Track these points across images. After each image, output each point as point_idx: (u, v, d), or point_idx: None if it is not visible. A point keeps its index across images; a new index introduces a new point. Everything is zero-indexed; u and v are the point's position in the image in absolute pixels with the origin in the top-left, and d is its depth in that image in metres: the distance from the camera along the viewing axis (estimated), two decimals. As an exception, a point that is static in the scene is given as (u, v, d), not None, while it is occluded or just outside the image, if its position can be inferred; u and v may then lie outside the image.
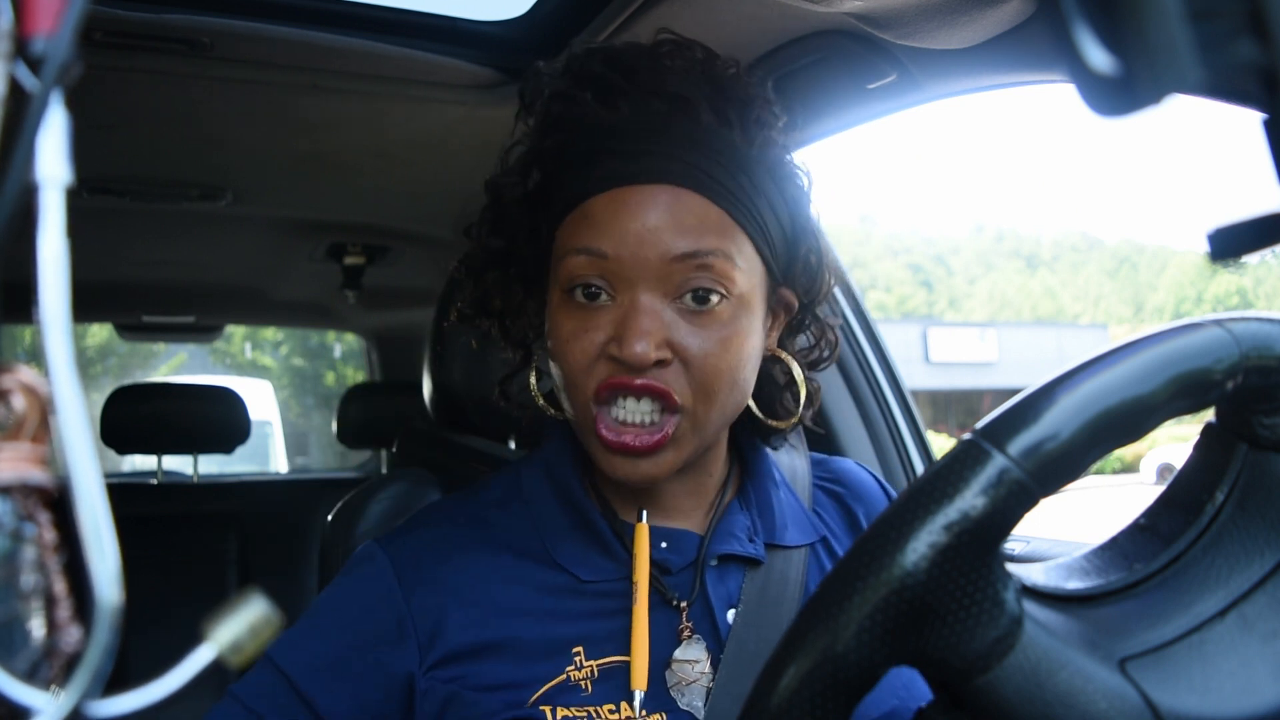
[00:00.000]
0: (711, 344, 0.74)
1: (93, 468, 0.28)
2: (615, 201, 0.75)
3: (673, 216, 0.73)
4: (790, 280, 0.83)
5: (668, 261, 0.73)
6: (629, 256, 0.73)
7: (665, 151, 0.75)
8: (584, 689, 0.75)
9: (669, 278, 0.74)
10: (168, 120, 1.56)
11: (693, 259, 0.73)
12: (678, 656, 0.78)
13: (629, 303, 0.74)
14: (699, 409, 0.75)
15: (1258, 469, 0.57)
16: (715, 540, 0.84)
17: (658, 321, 0.73)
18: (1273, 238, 0.34)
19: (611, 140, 0.76)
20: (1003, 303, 53.88)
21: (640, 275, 0.74)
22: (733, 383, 0.76)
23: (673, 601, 0.80)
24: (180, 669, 0.29)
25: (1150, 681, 0.50)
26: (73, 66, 0.28)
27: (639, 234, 0.73)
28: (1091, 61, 0.30)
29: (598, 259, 0.74)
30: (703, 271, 0.74)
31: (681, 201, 0.74)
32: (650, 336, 0.72)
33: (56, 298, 0.28)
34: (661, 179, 0.74)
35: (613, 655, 0.77)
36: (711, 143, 0.76)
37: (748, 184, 0.76)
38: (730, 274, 0.75)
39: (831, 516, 0.93)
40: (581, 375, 0.75)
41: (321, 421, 15.09)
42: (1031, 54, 1.03)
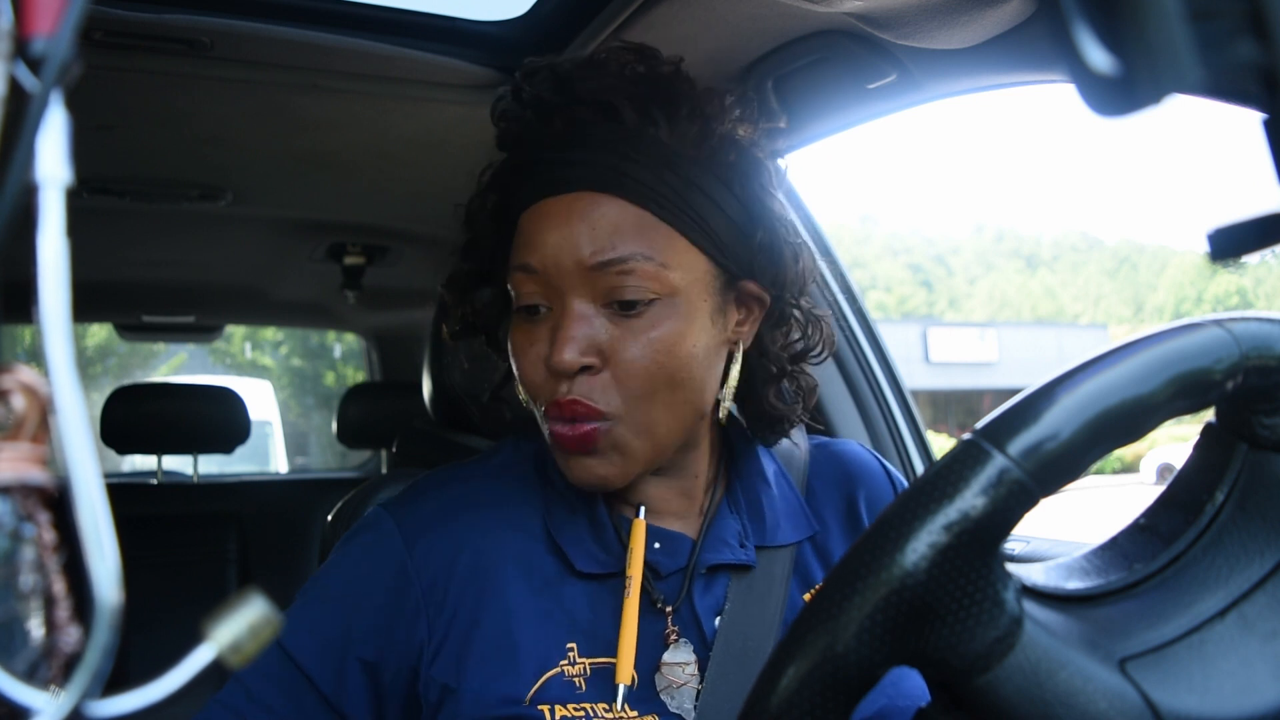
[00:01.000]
0: (641, 347, 0.75)
1: (93, 468, 0.28)
2: (538, 215, 0.77)
3: (588, 224, 0.75)
4: (752, 272, 0.82)
5: (587, 270, 0.74)
6: (552, 268, 0.75)
7: (585, 159, 0.76)
8: (578, 686, 0.76)
9: (594, 285, 0.75)
10: (168, 120, 1.56)
11: (612, 266, 0.74)
12: (666, 659, 0.79)
13: (559, 312, 0.76)
14: (637, 414, 0.76)
15: (1258, 469, 0.57)
16: (706, 548, 0.84)
17: (585, 327, 0.75)
18: (1273, 238, 0.34)
19: (541, 153, 0.78)
20: (1003, 303, 53.88)
21: (566, 285, 0.75)
22: (672, 383, 0.76)
23: (657, 603, 0.81)
24: (180, 669, 0.29)
25: (1150, 681, 0.50)
26: (73, 66, 0.28)
27: (558, 245, 0.75)
28: (1091, 61, 0.30)
29: (530, 274, 0.76)
30: (624, 276, 0.74)
31: (598, 208, 0.75)
32: (574, 343, 0.74)
33: (56, 298, 0.28)
34: (577, 186, 0.76)
35: (603, 655, 0.77)
36: (635, 144, 0.76)
37: (676, 182, 0.76)
38: (657, 276, 0.75)
39: (828, 505, 0.92)
40: (534, 390, 0.78)
41: (321, 421, 15.08)
42: (1031, 54, 1.03)
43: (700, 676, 0.78)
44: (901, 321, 37.30)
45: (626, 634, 0.76)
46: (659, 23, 1.14)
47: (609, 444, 0.76)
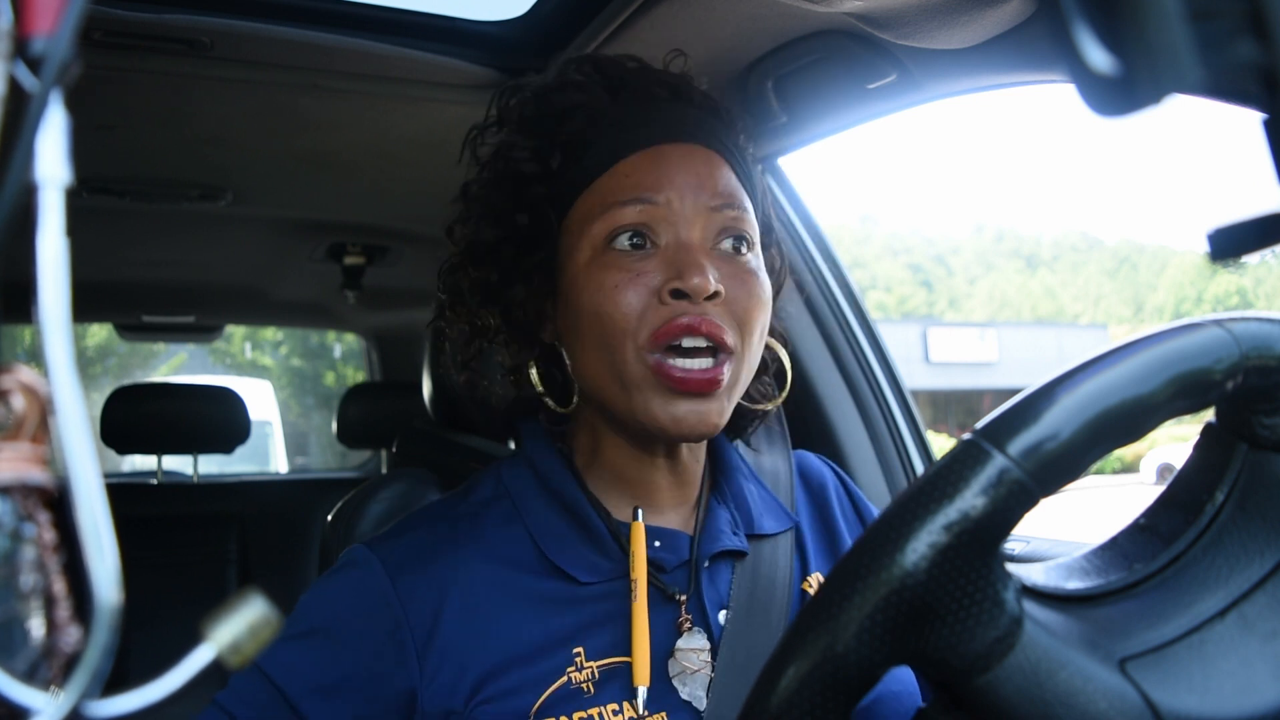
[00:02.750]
0: (748, 287, 0.80)
1: (93, 468, 0.28)
2: (658, 157, 0.81)
3: (710, 170, 0.82)
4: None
5: (710, 210, 0.80)
6: (678, 202, 0.80)
7: (695, 120, 0.84)
8: (586, 691, 0.75)
9: (710, 224, 0.80)
10: (168, 120, 1.56)
11: (729, 210, 0.81)
12: (681, 645, 0.79)
13: (678, 244, 0.79)
14: (741, 354, 0.80)
15: (1258, 469, 0.57)
16: (705, 541, 0.85)
17: (710, 259, 0.79)
18: (1273, 238, 0.34)
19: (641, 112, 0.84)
20: (1003, 303, 53.90)
21: (686, 219, 0.80)
22: (763, 330, 0.82)
23: (673, 596, 0.81)
24: (180, 669, 0.29)
25: (1150, 681, 0.50)
26: (73, 66, 0.28)
27: (685, 183, 0.80)
28: (1091, 61, 0.30)
29: (649, 207, 0.79)
30: (737, 222, 0.81)
31: (712, 162, 0.83)
32: (709, 270, 0.77)
33: (56, 298, 0.28)
34: (696, 139, 0.83)
35: (613, 656, 0.77)
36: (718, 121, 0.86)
37: (744, 161, 0.86)
38: (753, 230, 0.83)
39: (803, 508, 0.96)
40: (633, 321, 0.77)
41: (321, 421, 15.08)
42: (1031, 54, 1.03)
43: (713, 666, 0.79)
44: (901, 321, 37.31)
45: (639, 636, 0.76)
46: (659, 23, 1.14)
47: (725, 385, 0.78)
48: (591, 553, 0.81)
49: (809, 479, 0.99)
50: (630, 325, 0.77)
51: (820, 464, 1.02)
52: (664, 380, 0.76)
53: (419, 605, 0.78)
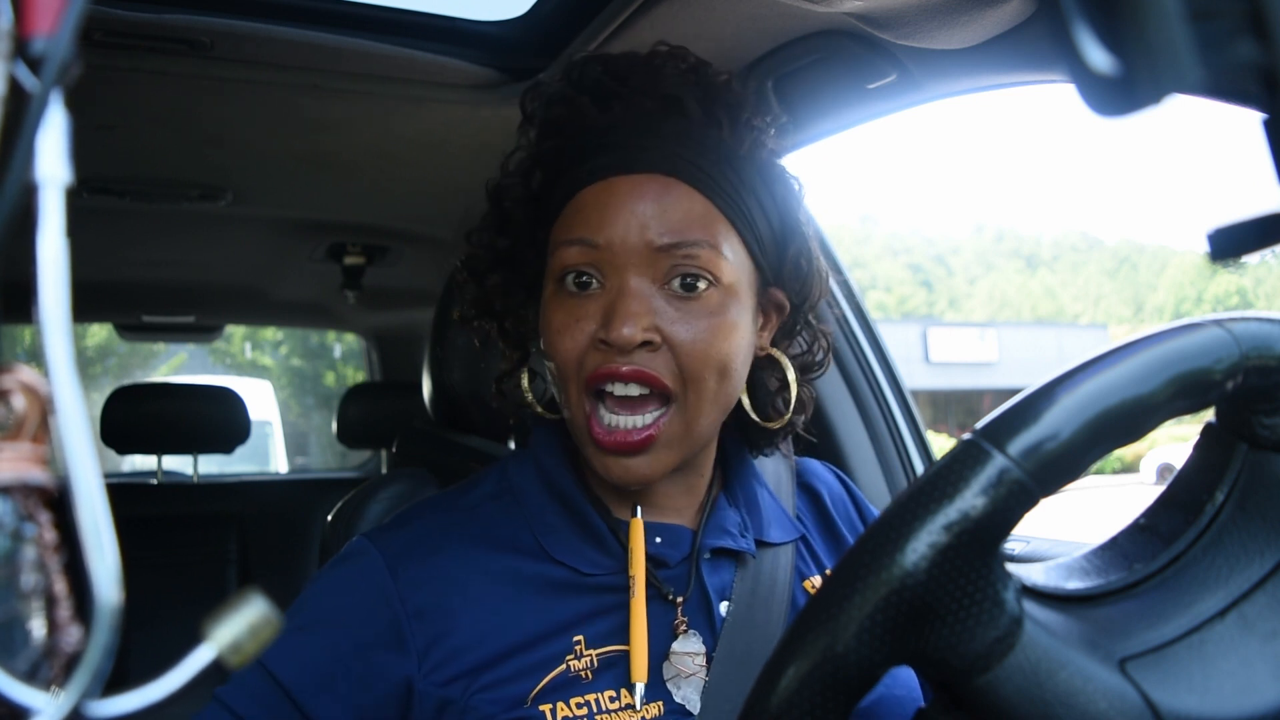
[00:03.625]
0: (699, 330, 0.76)
1: (93, 468, 0.28)
2: (606, 192, 0.77)
3: (660, 206, 0.76)
4: (780, 281, 0.85)
5: (655, 250, 0.76)
6: (619, 243, 0.76)
7: (654, 145, 0.78)
8: (584, 678, 0.76)
9: (656, 265, 0.76)
10: (168, 120, 1.57)
11: (679, 249, 0.76)
12: (676, 649, 0.79)
13: (618, 288, 0.76)
14: (689, 397, 0.77)
15: (1258, 469, 0.57)
16: (708, 535, 0.85)
17: (645, 305, 0.75)
18: (1273, 238, 0.34)
19: (605, 137, 0.79)
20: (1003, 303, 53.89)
21: (629, 261, 0.76)
22: (723, 372, 0.77)
23: (668, 596, 0.81)
24: (180, 669, 0.29)
25: (1150, 681, 0.50)
26: (73, 66, 0.28)
27: (628, 222, 0.76)
28: (1091, 61, 0.30)
29: (589, 248, 0.77)
30: (689, 260, 0.76)
31: (669, 192, 0.77)
32: (638, 319, 0.74)
33: (56, 298, 0.28)
34: (649, 169, 0.77)
35: (612, 645, 0.78)
36: (700, 138, 0.79)
37: (735, 179, 0.79)
38: (717, 264, 0.77)
39: (807, 514, 0.96)
40: (572, 366, 0.77)
41: (321, 421, 15.08)
42: (1031, 54, 1.03)
43: (708, 668, 0.79)
44: (901, 321, 37.29)
45: (637, 633, 0.77)
46: (659, 23, 1.14)
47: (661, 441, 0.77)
48: (591, 550, 0.82)
49: (814, 485, 0.99)
50: (571, 369, 0.78)
51: (827, 471, 1.02)
52: (592, 438, 0.77)
53: (418, 596, 0.78)
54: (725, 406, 0.81)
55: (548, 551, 0.81)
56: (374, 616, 0.77)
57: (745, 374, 0.82)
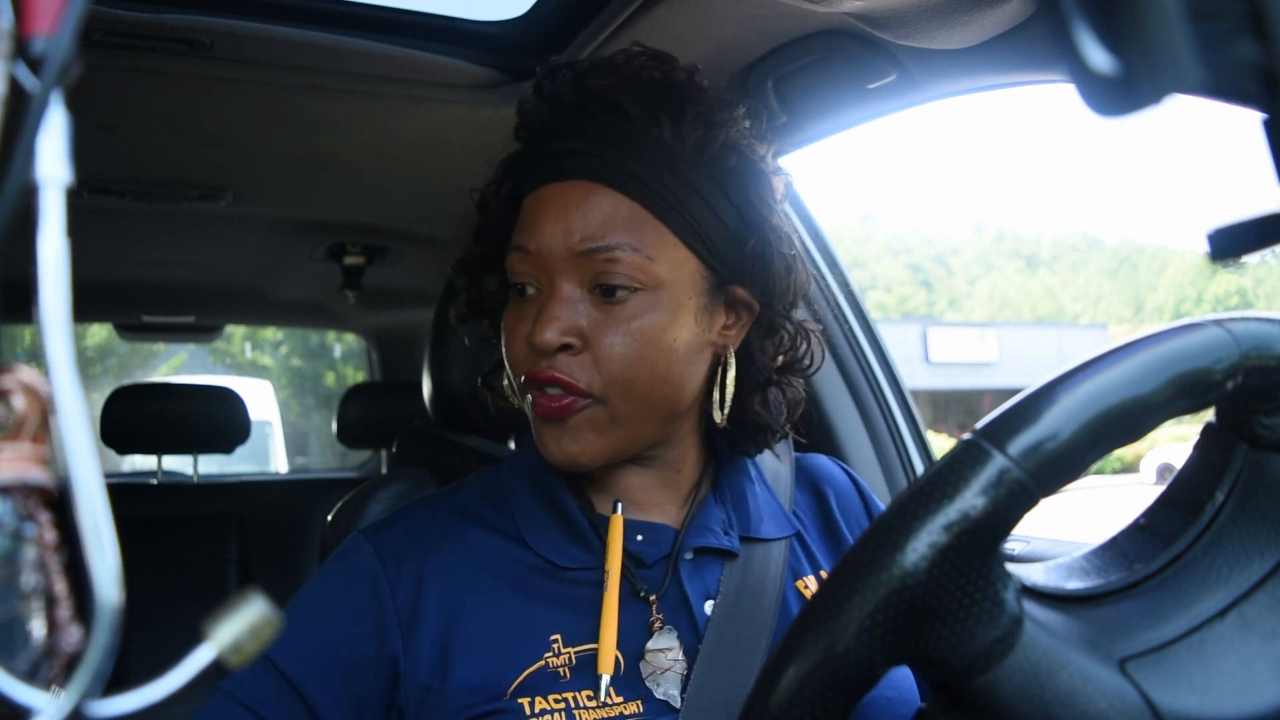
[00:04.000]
0: (621, 335, 0.78)
1: (93, 468, 0.28)
2: (538, 200, 0.81)
3: (582, 212, 0.78)
4: (741, 276, 0.83)
5: (576, 255, 0.78)
6: (545, 249, 0.79)
7: (586, 150, 0.80)
8: (562, 675, 0.77)
9: (581, 270, 0.78)
10: (168, 120, 1.56)
11: (599, 253, 0.77)
12: (650, 646, 0.80)
13: (546, 293, 0.79)
14: (615, 399, 0.78)
15: (1258, 469, 0.57)
16: (690, 534, 0.85)
17: (570, 309, 0.78)
18: (1273, 238, 0.34)
19: (550, 143, 0.82)
20: (1003, 303, 53.90)
21: (556, 268, 0.79)
22: (652, 374, 0.79)
23: (640, 593, 0.82)
24: (180, 669, 0.29)
25: (1150, 681, 0.50)
26: (73, 66, 0.28)
27: (553, 229, 0.79)
28: (1091, 61, 0.30)
29: (525, 255, 0.80)
30: (610, 265, 0.77)
31: (593, 198, 0.78)
32: (557, 322, 0.77)
33: (56, 298, 0.28)
34: (576, 175, 0.79)
35: (588, 643, 0.79)
36: (637, 142, 0.79)
37: (672, 181, 0.79)
38: (642, 268, 0.78)
39: (807, 513, 0.96)
40: (515, 366, 0.82)
41: (321, 421, 15.08)
42: (1031, 54, 1.03)
43: (686, 663, 0.80)
44: (901, 321, 37.28)
45: (607, 626, 0.78)
46: (659, 23, 1.14)
47: (584, 420, 0.79)
48: (571, 545, 0.83)
49: (820, 485, 0.99)
50: (514, 369, 0.82)
51: (834, 468, 1.02)
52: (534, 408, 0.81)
53: (404, 585, 0.81)
54: (663, 407, 0.81)
55: (530, 545, 0.83)
56: (365, 608, 0.80)
57: (688, 375, 0.81)
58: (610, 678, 0.76)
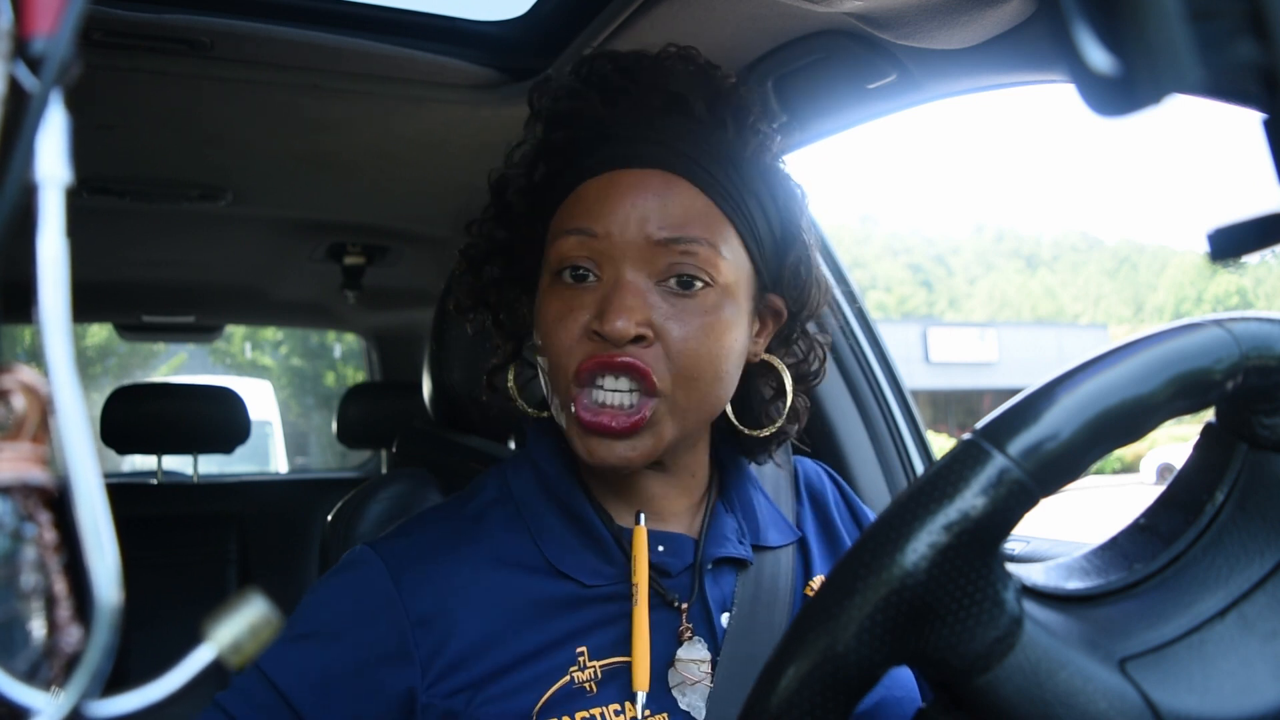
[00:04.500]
0: (693, 329, 0.75)
1: (93, 468, 0.28)
2: (608, 184, 0.77)
3: (661, 201, 0.76)
4: (779, 287, 0.84)
5: (654, 244, 0.75)
6: (617, 235, 0.76)
7: (658, 140, 0.78)
8: (589, 690, 0.75)
9: (654, 260, 0.76)
10: (168, 120, 1.56)
11: (678, 244, 0.75)
12: (681, 656, 0.79)
13: (614, 280, 0.76)
14: (678, 395, 0.76)
15: (1258, 469, 0.57)
16: (709, 544, 0.84)
17: (641, 299, 0.75)
18: (1273, 238, 0.34)
19: (610, 131, 0.79)
20: (1003, 303, 53.89)
21: (626, 254, 0.76)
22: (715, 373, 0.77)
23: (673, 603, 0.81)
24: (180, 669, 0.29)
25: (1150, 681, 0.50)
26: (73, 66, 0.28)
27: (628, 215, 0.76)
28: (1091, 61, 0.30)
29: (588, 238, 0.76)
30: (687, 257, 0.75)
31: (671, 188, 0.77)
32: (632, 313, 0.74)
33: (56, 298, 0.28)
34: (652, 164, 0.77)
35: (616, 656, 0.77)
36: (704, 137, 0.79)
37: (738, 180, 0.79)
38: (715, 263, 0.76)
39: (808, 516, 0.95)
40: (564, 356, 0.76)
41: (321, 421, 15.08)
42: (1031, 54, 1.03)
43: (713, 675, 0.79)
44: (901, 321, 37.28)
45: (639, 642, 0.76)
46: (659, 23, 1.14)
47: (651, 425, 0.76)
48: (595, 558, 0.81)
49: (811, 486, 0.98)
50: (563, 360, 0.77)
51: (818, 469, 1.02)
52: (575, 417, 0.76)
53: (421, 605, 0.78)
54: (713, 408, 0.80)
55: (551, 562, 0.81)
56: (376, 625, 0.77)
57: (736, 378, 0.81)
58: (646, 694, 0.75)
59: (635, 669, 0.75)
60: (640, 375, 0.74)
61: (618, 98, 0.80)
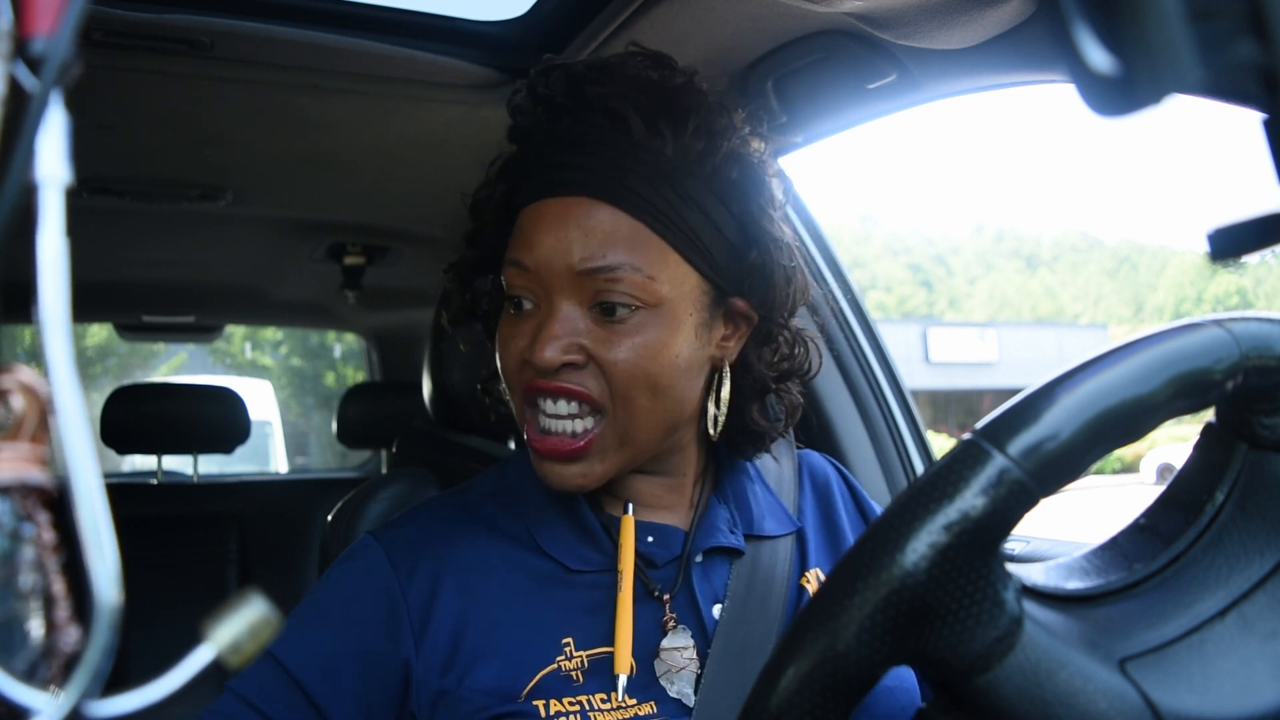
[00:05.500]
0: (623, 350, 0.77)
1: (92, 468, 0.28)
2: (537, 214, 0.79)
3: (583, 230, 0.76)
4: (741, 288, 0.82)
5: (577, 275, 0.76)
6: (544, 267, 0.77)
7: (587, 164, 0.78)
8: (575, 679, 0.77)
9: (581, 289, 0.77)
10: (168, 120, 1.56)
11: (601, 273, 0.76)
12: (665, 644, 0.80)
13: (545, 310, 0.78)
14: (619, 413, 0.78)
15: (1258, 469, 0.57)
16: (699, 536, 0.86)
17: (569, 328, 0.77)
18: (1273, 238, 0.34)
19: (547, 152, 0.80)
20: (1003, 303, 53.90)
21: (555, 285, 0.77)
22: (653, 389, 0.78)
23: (655, 593, 0.82)
24: (180, 669, 0.29)
25: (1150, 681, 0.50)
26: (73, 66, 0.28)
27: (552, 246, 0.77)
28: (1091, 61, 0.30)
29: (522, 270, 0.78)
30: (613, 284, 0.76)
31: (594, 215, 0.76)
32: (557, 341, 0.76)
33: (56, 298, 0.28)
34: (577, 191, 0.77)
35: (601, 646, 0.79)
36: (639, 155, 0.77)
37: (674, 197, 0.77)
38: (643, 286, 0.76)
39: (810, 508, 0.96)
40: (512, 379, 0.81)
41: (321, 421, 15.08)
42: (1031, 54, 1.03)
43: (700, 662, 0.80)
44: (901, 321, 37.28)
45: (622, 626, 0.78)
46: (659, 23, 1.14)
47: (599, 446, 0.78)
48: (584, 546, 0.83)
49: (814, 478, 0.99)
50: (511, 381, 0.81)
51: (824, 462, 1.02)
52: (530, 443, 0.80)
53: (416, 587, 0.81)
54: (664, 421, 0.80)
55: (541, 546, 0.83)
56: (376, 608, 0.80)
57: (690, 388, 0.81)
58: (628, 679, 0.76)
59: (617, 653, 0.77)
60: (577, 396, 0.77)
61: (561, 116, 0.80)
